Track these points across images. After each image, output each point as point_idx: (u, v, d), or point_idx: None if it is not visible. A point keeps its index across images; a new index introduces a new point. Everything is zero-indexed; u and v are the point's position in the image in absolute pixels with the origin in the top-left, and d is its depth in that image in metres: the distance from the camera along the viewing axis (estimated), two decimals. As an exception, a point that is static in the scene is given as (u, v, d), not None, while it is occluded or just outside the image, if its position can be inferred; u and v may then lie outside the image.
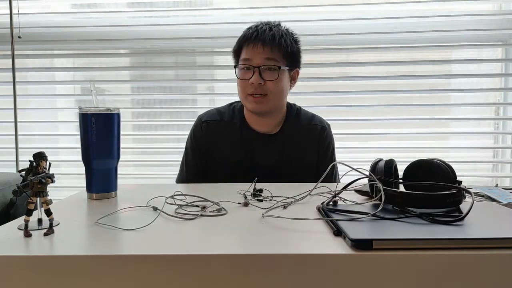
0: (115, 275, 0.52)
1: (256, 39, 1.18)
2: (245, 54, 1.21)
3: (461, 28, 1.79)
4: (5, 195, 1.27)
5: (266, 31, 1.19)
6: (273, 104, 1.22)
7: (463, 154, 1.89)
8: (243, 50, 1.22)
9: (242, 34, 1.24)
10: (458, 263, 0.52)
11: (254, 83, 1.18)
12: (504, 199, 0.83)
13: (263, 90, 1.19)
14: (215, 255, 0.53)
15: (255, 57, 1.19)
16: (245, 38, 1.21)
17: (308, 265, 0.52)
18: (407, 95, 1.89)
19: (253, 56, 1.19)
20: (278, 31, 1.20)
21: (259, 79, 1.18)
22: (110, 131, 0.86)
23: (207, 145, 1.28)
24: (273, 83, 1.19)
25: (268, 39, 1.18)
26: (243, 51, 1.22)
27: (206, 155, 1.28)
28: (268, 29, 1.20)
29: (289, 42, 1.21)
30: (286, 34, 1.21)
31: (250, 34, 1.20)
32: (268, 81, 1.19)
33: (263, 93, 1.19)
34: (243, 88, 1.22)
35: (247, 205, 0.80)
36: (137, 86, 2.03)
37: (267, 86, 1.19)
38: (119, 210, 0.76)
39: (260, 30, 1.20)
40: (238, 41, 1.24)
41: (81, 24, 1.92)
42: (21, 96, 1.89)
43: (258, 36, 1.19)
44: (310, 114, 1.34)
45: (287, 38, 1.20)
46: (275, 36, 1.18)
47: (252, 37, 1.19)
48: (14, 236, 0.60)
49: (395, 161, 0.78)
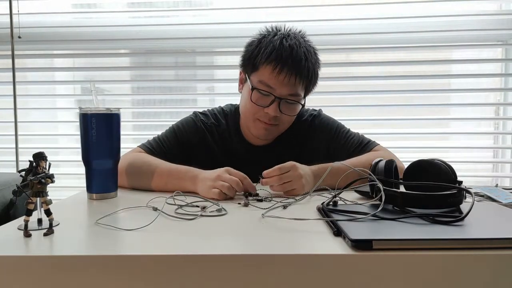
0: (115, 275, 0.52)
1: (290, 67, 1.02)
2: (270, 78, 1.03)
3: (461, 28, 1.79)
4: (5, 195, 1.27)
5: (303, 60, 1.03)
6: (281, 132, 1.14)
7: (463, 154, 1.89)
8: (267, 69, 1.03)
9: (268, 46, 1.03)
10: (458, 263, 0.52)
11: (270, 114, 1.06)
12: (504, 199, 0.83)
13: (276, 120, 1.08)
14: (215, 255, 0.53)
15: (281, 88, 1.04)
16: (277, 58, 1.02)
17: (308, 265, 0.52)
18: (407, 95, 1.89)
19: (279, 86, 1.03)
20: (311, 58, 1.06)
21: (277, 112, 1.05)
22: (110, 131, 0.86)
23: (194, 143, 1.15)
24: (289, 117, 1.10)
25: (304, 73, 1.03)
26: (267, 71, 1.03)
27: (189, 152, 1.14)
28: (303, 56, 1.03)
29: (317, 71, 1.09)
30: (316, 61, 1.08)
31: (283, 57, 1.01)
32: (285, 115, 1.08)
33: (275, 123, 1.09)
34: (253, 112, 1.08)
35: (247, 205, 0.80)
36: (137, 86, 2.03)
37: (282, 118, 1.08)
38: (119, 210, 0.76)
39: (295, 55, 1.02)
40: (264, 55, 1.03)
41: (81, 24, 1.92)
42: (21, 96, 1.89)
43: (293, 65, 1.02)
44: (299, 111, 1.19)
45: (316, 66, 1.08)
46: (309, 68, 1.04)
47: (286, 63, 1.01)
48: (14, 236, 0.60)
49: (395, 161, 0.78)
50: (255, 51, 1.07)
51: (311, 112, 1.23)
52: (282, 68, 1.02)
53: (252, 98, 1.06)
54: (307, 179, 0.92)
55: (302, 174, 0.91)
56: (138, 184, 0.99)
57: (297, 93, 1.06)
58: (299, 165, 0.93)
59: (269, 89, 1.04)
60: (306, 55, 1.04)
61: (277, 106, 1.05)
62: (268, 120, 1.07)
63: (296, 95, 1.06)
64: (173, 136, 1.15)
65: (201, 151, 1.16)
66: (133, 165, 1.00)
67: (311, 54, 1.07)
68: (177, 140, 1.15)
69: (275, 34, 1.07)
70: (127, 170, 0.99)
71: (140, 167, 1.00)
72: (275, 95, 1.04)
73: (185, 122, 1.19)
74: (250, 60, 1.08)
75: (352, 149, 1.14)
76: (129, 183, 0.99)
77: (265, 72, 1.04)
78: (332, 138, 1.17)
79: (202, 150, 1.16)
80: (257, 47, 1.07)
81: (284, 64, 1.02)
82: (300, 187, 0.90)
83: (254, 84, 1.07)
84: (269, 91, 1.04)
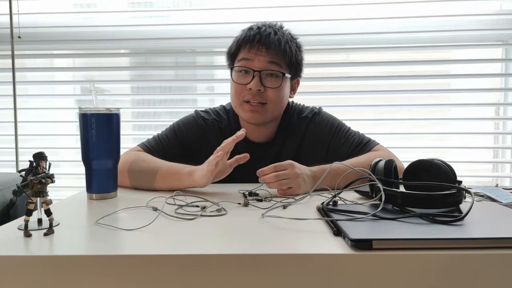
0: (115, 275, 0.52)
1: (259, 42, 1.06)
2: (245, 54, 1.08)
3: (461, 28, 1.79)
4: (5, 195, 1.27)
5: (271, 35, 1.07)
6: (271, 114, 1.11)
7: (463, 154, 1.89)
8: (242, 51, 1.09)
9: (240, 35, 1.11)
10: (458, 263, 0.52)
11: (253, 89, 1.06)
12: (504, 199, 0.83)
13: (262, 98, 1.07)
14: (215, 255, 0.53)
15: (257, 59, 1.07)
16: (246, 39, 1.08)
17: (308, 265, 0.52)
18: (407, 95, 1.89)
19: (254, 58, 1.07)
20: (283, 36, 1.09)
21: (259, 85, 1.06)
22: (110, 131, 0.86)
23: (194, 141, 1.15)
24: (274, 91, 1.07)
25: (274, 43, 1.06)
26: (242, 52, 1.09)
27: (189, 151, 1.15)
28: (273, 33, 1.08)
29: (294, 49, 1.10)
30: (291, 41, 1.11)
31: (252, 36, 1.08)
32: (269, 88, 1.07)
33: (262, 102, 1.08)
34: (238, 93, 1.09)
35: (247, 205, 0.80)
36: (137, 86, 2.03)
37: (267, 94, 1.07)
38: (119, 210, 0.76)
39: (264, 33, 1.08)
40: (236, 42, 1.11)
41: (81, 24, 1.92)
42: (21, 96, 1.89)
43: (262, 39, 1.06)
44: (299, 107, 1.23)
45: (292, 44, 1.10)
46: (280, 41, 1.07)
47: (255, 40, 1.07)
48: (14, 236, 0.60)
49: (395, 161, 0.78)
50: (232, 44, 1.13)
51: (312, 109, 1.22)
52: (252, 42, 1.07)
53: (234, 78, 1.11)
54: (305, 179, 0.92)
55: (299, 173, 0.91)
56: (138, 183, 0.99)
57: (274, 61, 1.07)
58: (297, 164, 0.93)
59: (246, 63, 1.08)
60: (275, 32, 1.09)
61: (258, 80, 1.06)
62: (253, 97, 1.07)
63: (275, 64, 1.07)
64: (172, 135, 1.15)
65: (201, 149, 1.14)
66: (133, 164, 1.00)
67: (283, 33, 1.11)
68: (177, 139, 1.15)
69: (250, 28, 1.12)
70: (127, 169, 0.99)
71: (140, 166, 1.00)
72: (253, 69, 1.07)
73: (185, 120, 1.19)
74: (229, 54, 1.15)
75: (352, 148, 1.13)
76: (129, 182, 1.00)
77: (240, 54, 1.10)
78: (333, 136, 1.17)
79: (203, 147, 1.14)
80: (233, 42, 1.13)
81: (253, 40, 1.07)
82: (297, 185, 0.90)
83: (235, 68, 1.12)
84: (247, 65, 1.08)
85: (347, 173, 0.89)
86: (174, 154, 1.10)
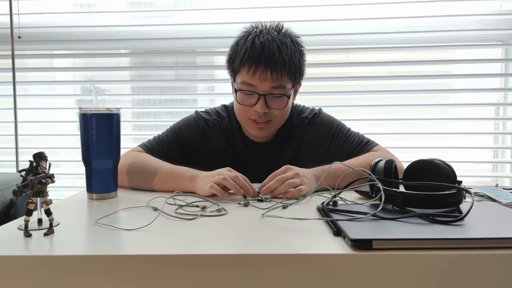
0: (115, 275, 0.52)
1: (264, 63, 1.02)
2: (248, 78, 1.04)
3: (461, 28, 1.79)
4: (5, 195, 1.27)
5: (276, 54, 1.02)
6: (278, 127, 1.13)
7: (463, 154, 1.89)
8: (244, 70, 1.05)
9: (241, 48, 1.05)
10: (458, 263, 0.52)
11: (258, 111, 1.06)
12: (504, 199, 0.83)
13: (267, 116, 1.07)
14: (215, 255, 0.53)
15: (262, 85, 1.04)
16: (249, 59, 1.03)
17: (308, 265, 0.52)
18: (407, 95, 1.89)
19: (259, 83, 1.04)
20: (287, 49, 1.04)
21: (264, 108, 1.05)
22: (110, 131, 0.86)
23: (194, 142, 1.15)
24: (279, 110, 1.08)
25: (279, 66, 1.02)
26: (244, 72, 1.05)
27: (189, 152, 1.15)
28: (277, 51, 1.03)
29: (297, 60, 1.07)
30: (295, 51, 1.07)
31: (255, 56, 1.02)
32: (273, 109, 1.07)
33: (267, 120, 1.08)
34: (243, 112, 1.09)
35: (247, 205, 0.80)
36: (137, 86, 2.03)
37: (273, 113, 1.07)
38: (119, 210, 0.76)
39: (267, 51, 1.02)
40: (239, 57, 1.05)
41: (81, 24, 1.92)
42: (21, 96, 1.89)
43: (266, 61, 1.02)
44: (299, 108, 1.23)
45: (295, 57, 1.06)
46: (285, 60, 1.03)
47: (259, 61, 1.02)
48: (14, 236, 0.60)
49: (394, 161, 0.78)
50: (233, 55, 1.09)
51: (312, 110, 1.22)
52: (256, 66, 1.03)
53: (238, 99, 1.09)
54: (307, 177, 0.92)
55: (299, 172, 0.91)
56: (138, 184, 0.99)
57: (280, 85, 1.05)
58: (293, 166, 0.93)
59: (251, 87, 1.05)
60: (279, 48, 1.04)
61: (263, 103, 1.05)
62: (259, 117, 1.07)
63: (280, 88, 1.06)
64: (173, 136, 1.15)
65: (202, 150, 1.16)
66: (133, 165, 1.00)
67: (286, 45, 1.05)
68: (177, 139, 1.15)
69: (249, 33, 1.08)
70: (127, 170, 0.99)
71: (140, 167, 1.00)
72: (258, 93, 1.05)
73: (186, 121, 1.19)
74: (230, 64, 1.11)
75: (352, 148, 1.14)
76: (129, 183, 1.00)
77: (243, 73, 1.06)
78: (332, 137, 1.17)
79: (203, 148, 1.16)
80: (234, 50, 1.09)
81: (257, 62, 1.03)
82: (302, 183, 0.89)
83: (238, 86, 1.08)
84: (252, 89, 1.06)
85: (347, 173, 0.89)
86: (174, 155, 1.10)
